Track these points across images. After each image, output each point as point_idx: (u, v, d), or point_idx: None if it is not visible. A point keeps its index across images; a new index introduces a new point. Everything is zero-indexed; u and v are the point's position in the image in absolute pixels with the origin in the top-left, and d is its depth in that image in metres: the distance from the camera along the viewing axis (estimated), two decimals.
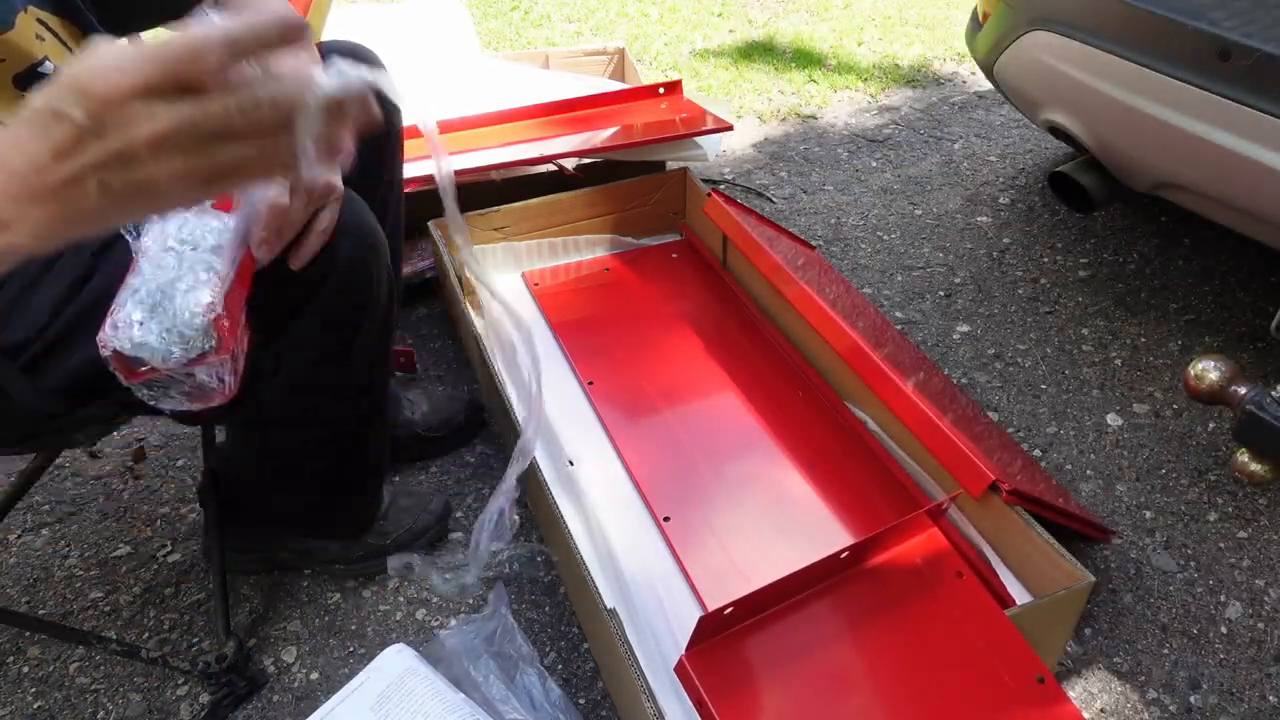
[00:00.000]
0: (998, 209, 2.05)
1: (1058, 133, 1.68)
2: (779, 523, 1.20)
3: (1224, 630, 1.20)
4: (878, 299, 1.79)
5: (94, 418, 0.97)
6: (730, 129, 1.80)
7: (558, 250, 1.67)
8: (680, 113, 1.84)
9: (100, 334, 0.71)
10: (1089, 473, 1.42)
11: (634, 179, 1.73)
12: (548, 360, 1.46)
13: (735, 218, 1.54)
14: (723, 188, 2.12)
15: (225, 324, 0.73)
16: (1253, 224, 1.44)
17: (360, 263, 0.94)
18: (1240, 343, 1.65)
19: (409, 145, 1.37)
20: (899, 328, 1.69)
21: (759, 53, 2.77)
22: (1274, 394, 1.12)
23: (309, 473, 1.13)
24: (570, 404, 1.40)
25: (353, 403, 1.08)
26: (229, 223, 0.76)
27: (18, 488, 1.11)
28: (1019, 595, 1.12)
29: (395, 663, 1.01)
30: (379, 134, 1.22)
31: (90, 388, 0.87)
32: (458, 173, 1.65)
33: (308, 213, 0.84)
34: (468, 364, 1.63)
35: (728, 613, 0.92)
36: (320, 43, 1.14)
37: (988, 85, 2.40)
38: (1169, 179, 1.49)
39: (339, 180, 0.87)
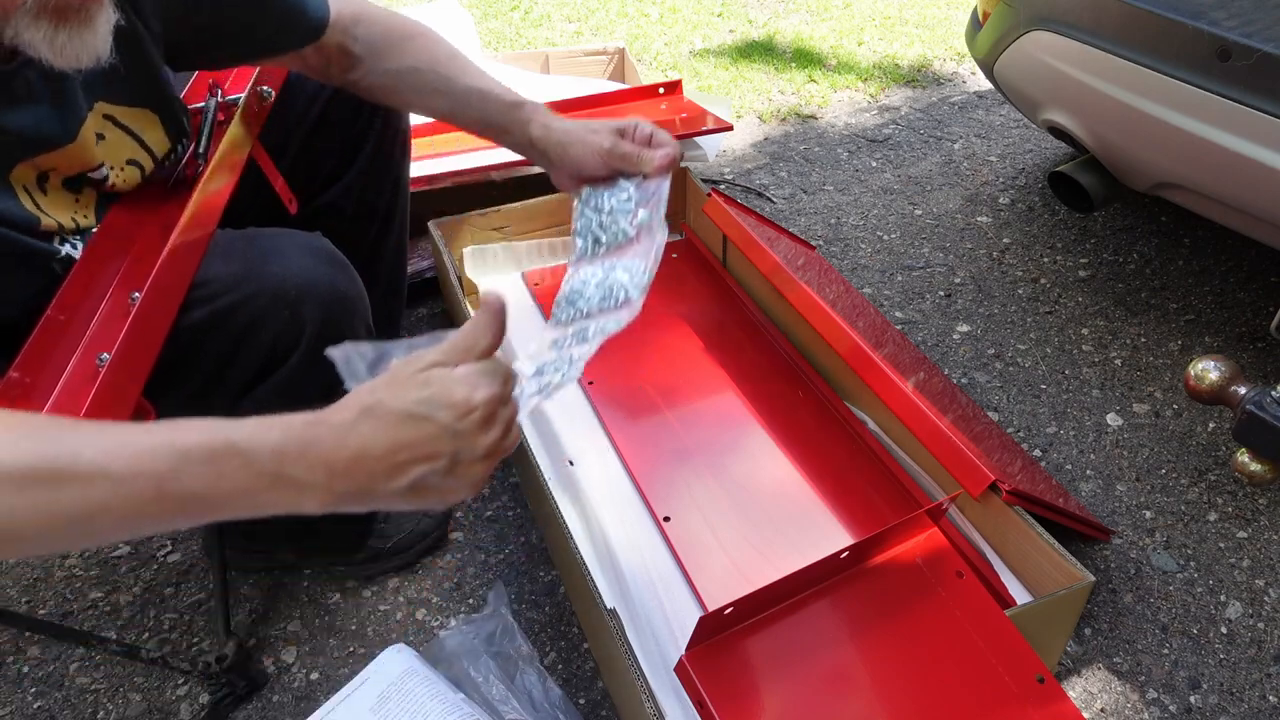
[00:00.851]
0: (998, 209, 2.05)
1: (1058, 133, 1.68)
2: (779, 523, 1.20)
3: (1224, 630, 1.20)
4: (878, 299, 1.79)
5: None
6: (730, 129, 1.80)
7: (557, 250, 1.66)
8: (680, 113, 1.84)
9: None
10: (1089, 473, 1.42)
11: None
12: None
13: (735, 218, 1.54)
14: (723, 188, 2.12)
15: None
16: (1253, 224, 1.44)
17: (332, 328, 0.89)
18: (1240, 343, 1.65)
19: (413, 145, 1.37)
20: (899, 328, 1.69)
21: (759, 53, 2.77)
22: (1274, 394, 1.12)
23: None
24: (570, 404, 1.40)
25: None
26: None
27: None
28: (1019, 595, 1.12)
29: (395, 663, 1.01)
30: (386, 133, 1.23)
31: None
32: (458, 173, 1.66)
33: None
34: None
35: (728, 613, 0.92)
36: None
37: (988, 85, 2.40)
38: (1169, 179, 1.49)
39: None
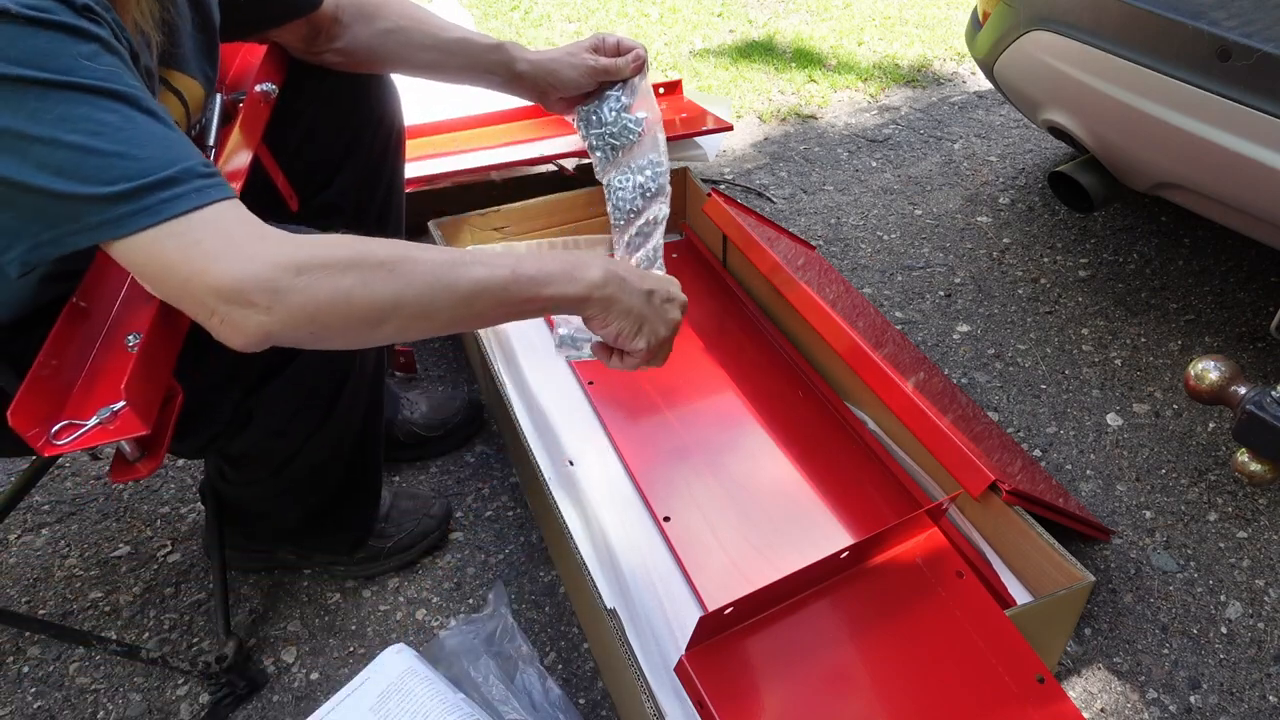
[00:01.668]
0: (998, 209, 2.05)
1: (1058, 133, 1.68)
2: (779, 523, 1.20)
3: (1224, 630, 1.20)
4: (878, 299, 1.79)
5: None
6: (730, 129, 1.80)
7: (557, 250, 1.66)
8: (680, 113, 1.84)
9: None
10: (1089, 473, 1.42)
11: None
12: (547, 360, 1.46)
13: (735, 218, 1.54)
14: (723, 188, 2.12)
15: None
16: (1253, 224, 1.44)
17: None
18: (1240, 343, 1.65)
19: (407, 145, 1.36)
20: (899, 328, 1.69)
21: (759, 53, 2.77)
22: (1274, 394, 1.12)
23: (299, 502, 1.13)
24: (570, 404, 1.40)
25: (339, 445, 1.07)
26: None
27: (18, 488, 1.11)
28: (1019, 595, 1.12)
29: (395, 663, 1.01)
30: (380, 133, 1.23)
31: None
32: (458, 173, 1.66)
33: None
34: (467, 364, 1.63)
35: (728, 613, 0.92)
36: None
37: (988, 85, 2.40)
38: (1169, 179, 1.49)
39: None
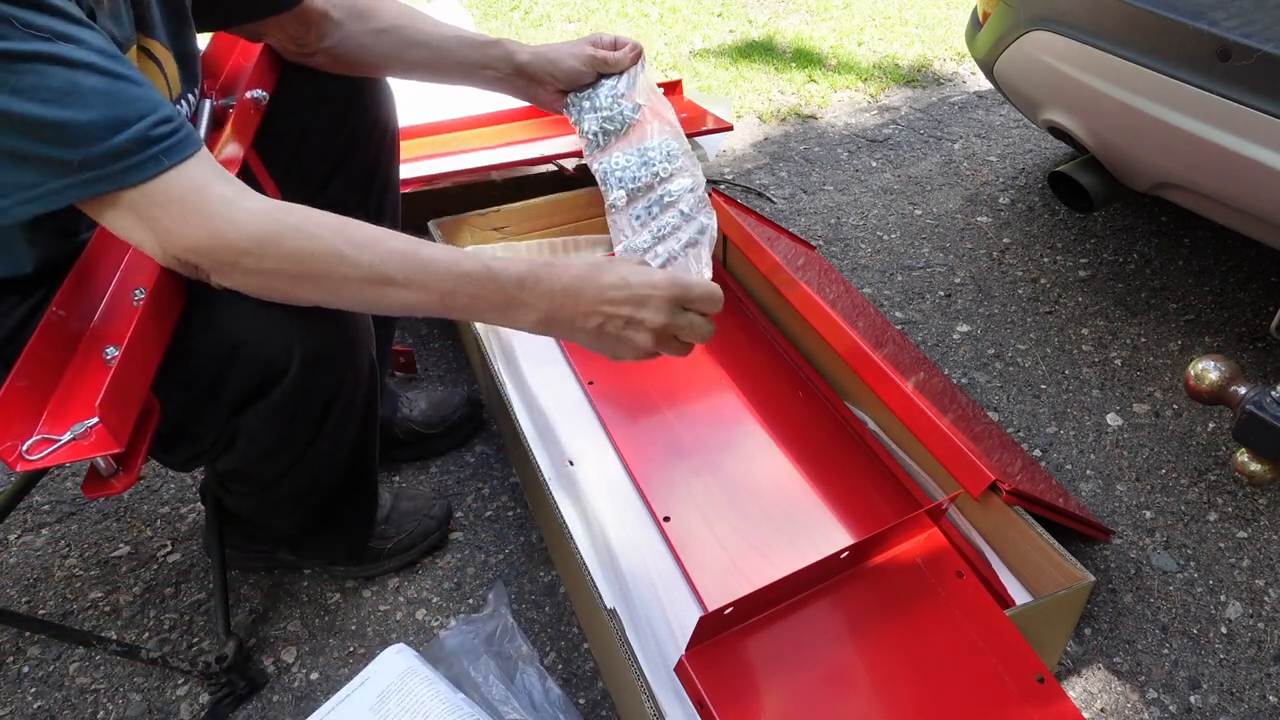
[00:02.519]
0: (998, 209, 2.05)
1: (1058, 133, 1.68)
2: (779, 523, 1.20)
3: (1224, 630, 1.20)
4: (878, 299, 1.79)
5: None
6: (730, 129, 1.80)
7: (557, 250, 1.66)
8: (680, 113, 1.84)
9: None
10: (1089, 473, 1.42)
11: None
12: (547, 360, 1.46)
13: (735, 218, 1.54)
14: (723, 188, 2.12)
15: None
16: (1253, 224, 1.44)
17: (327, 360, 0.92)
18: (1240, 343, 1.65)
19: (406, 146, 1.37)
20: (899, 328, 1.69)
21: (759, 53, 2.77)
22: (1274, 394, 1.12)
23: (294, 511, 1.13)
24: (570, 403, 1.40)
25: (331, 460, 1.06)
26: None
27: (18, 488, 1.11)
28: (1019, 595, 1.12)
29: (395, 663, 1.01)
30: (374, 135, 1.23)
31: None
32: (458, 173, 1.66)
33: None
34: (467, 364, 1.63)
35: (728, 613, 0.92)
36: None
37: (988, 85, 2.40)
38: (1169, 179, 1.49)
39: None
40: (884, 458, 1.27)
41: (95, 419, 0.72)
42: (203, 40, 1.06)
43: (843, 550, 0.98)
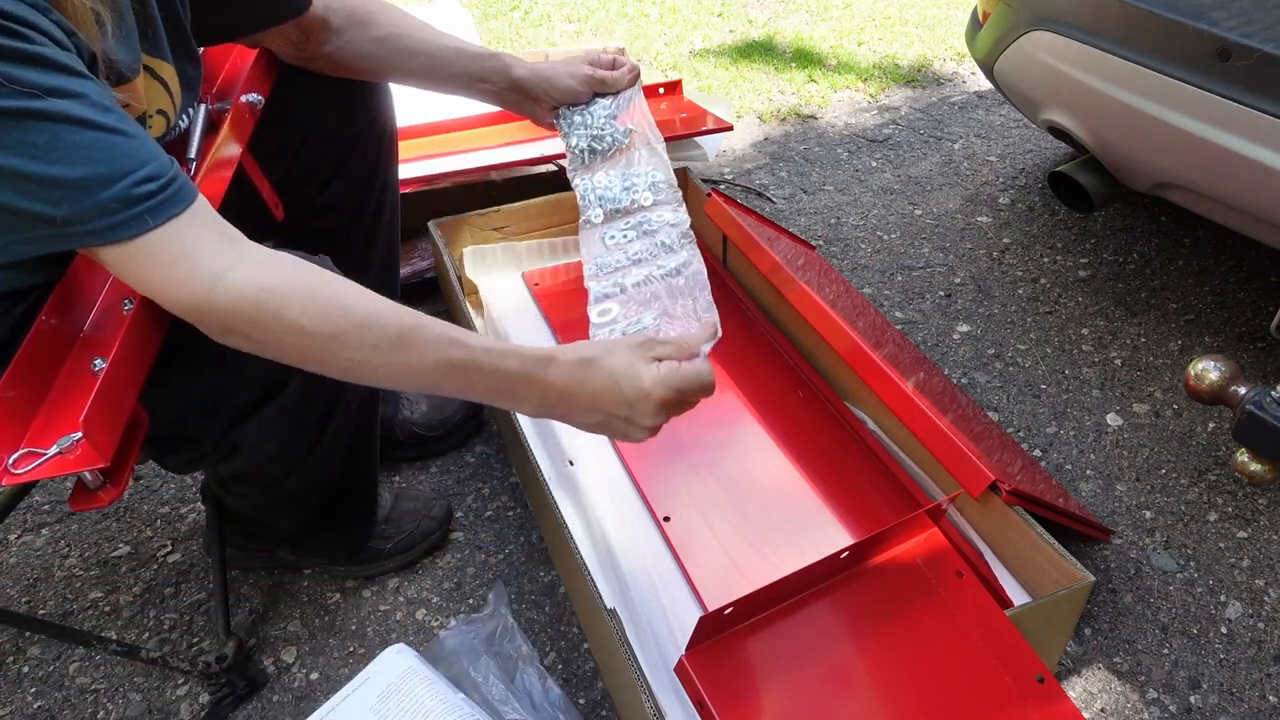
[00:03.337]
0: (998, 209, 2.05)
1: (1058, 133, 1.68)
2: (779, 523, 1.20)
3: (1224, 630, 1.20)
4: (878, 299, 1.79)
5: None
6: (730, 129, 1.80)
7: (558, 250, 1.66)
8: (680, 113, 1.84)
9: None
10: (1089, 473, 1.42)
11: None
12: None
13: (735, 218, 1.54)
14: (723, 188, 2.12)
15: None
16: (1253, 224, 1.44)
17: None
18: (1240, 343, 1.66)
19: (405, 146, 1.36)
20: (899, 328, 1.69)
21: (759, 53, 2.77)
22: (1274, 394, 1.12)
23: (295, 511, 1.13)
24: None
25: (331, 462, 1.07)
26: None
27: (18, 488, 1.11)
28: (1019, 595, 1.12)
29: (395, 663, 1.01)
30: (373, 136, 1.24)
31: None
32: (458, 173, 1.66)
33: None
34: None
35: (728, 613, 0.92)
36: None
37: (988, 85, 2.40)
38: (1169, 179, 1.49)
39: None
40: (884, 458, 1.27)
41: (80, 434, 0.72)
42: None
43: (843, 550, 0.98)
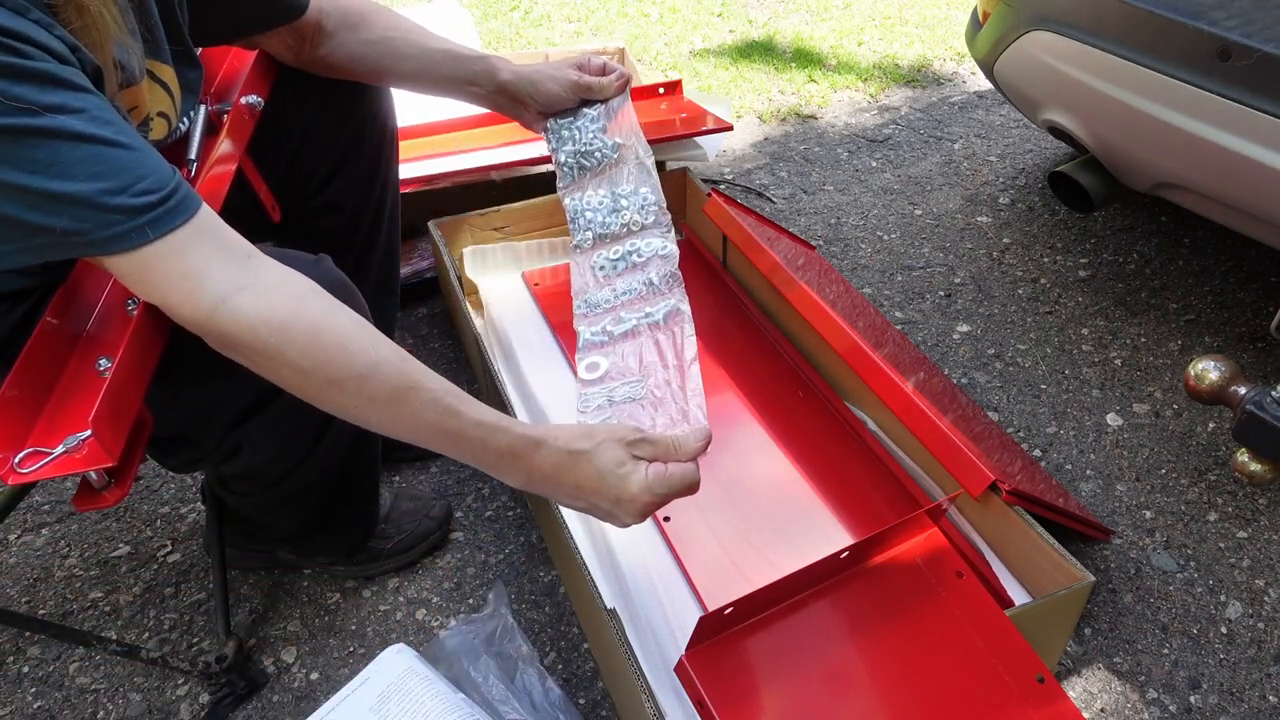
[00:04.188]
0: (998, 209, 2.05)
1: (1058, 133, 1.68)
2: (779, 523, 1.20)
3: (1224, 630, 1.20)
4: (878, 299, 1.79)
5: None
6: (730, 129, 1.80)
7: (557, 250, 1.66)
8: (680, 113, 1.84)
9: None
10: (1089, 473, 1.42)
11: None
12: (547, 359, 1.46)
13: (735, 218, 1.54)
14: (723, 188, 2.12)
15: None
16: (1253, 224, 1.44)
17: None
18: (1240, 343, 1.66)
19: (405, 146, 1.36)
20: (899, 328, 1.69)
21: (759, 53, 2.77)
22: (1274, 394, 1.12)
23: (296, 510, 1.13)
24: (570, 404, 1.39)
25: (332, 462, 1.07)
26: None
27: (19, 488, 1.11)
28: (1019, 595, 1.12)
29: (395, 663, 1.01)
30: (374, 135, 1.24)
31: None
32: (458, 173, 1.66)
33: None
34: (468, 364, 1.63)
35: (728, 613, 0.92)
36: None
37: (988, 85, 2.40)
38: (1169, 179, 1.49)
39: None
40: (884, 458, 1.27)
41: (88, 432, 0.71)
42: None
43: (843, 550, 0.98)
